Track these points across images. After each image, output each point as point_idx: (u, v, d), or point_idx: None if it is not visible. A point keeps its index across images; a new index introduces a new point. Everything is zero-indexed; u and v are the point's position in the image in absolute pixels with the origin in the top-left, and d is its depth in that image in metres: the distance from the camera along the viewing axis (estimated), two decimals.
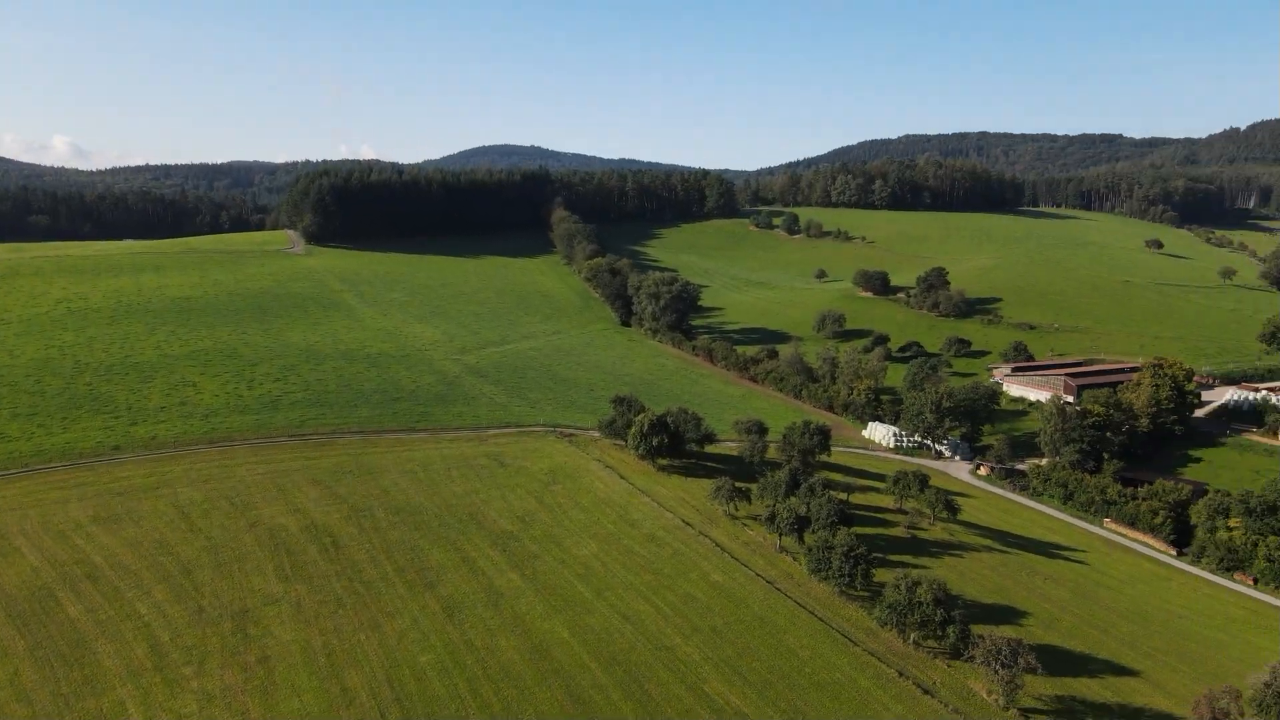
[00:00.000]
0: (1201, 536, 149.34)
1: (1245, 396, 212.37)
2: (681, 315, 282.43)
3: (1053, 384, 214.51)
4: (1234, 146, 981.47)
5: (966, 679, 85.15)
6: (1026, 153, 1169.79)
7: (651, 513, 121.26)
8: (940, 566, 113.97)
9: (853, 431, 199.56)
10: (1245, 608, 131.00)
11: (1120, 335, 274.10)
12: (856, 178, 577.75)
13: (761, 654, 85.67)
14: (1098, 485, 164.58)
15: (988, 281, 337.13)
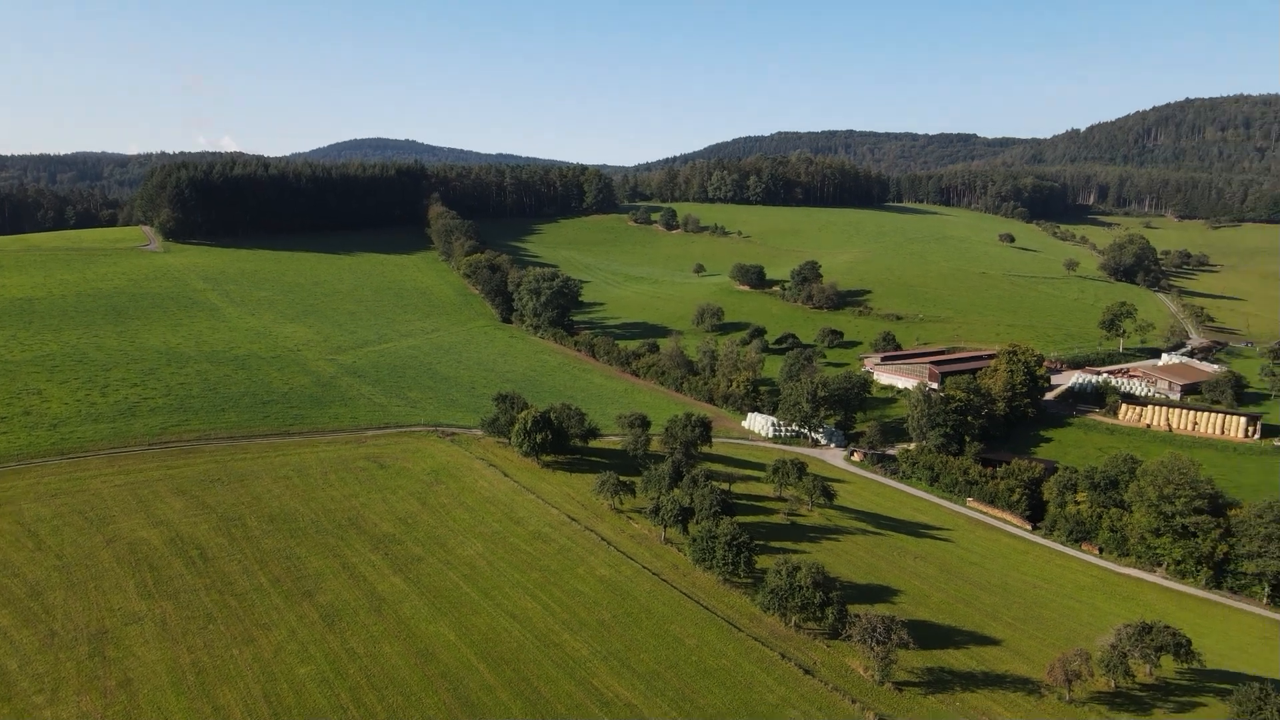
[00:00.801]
0: (1053, 511, 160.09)
1: (1089, 379, 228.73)
2: (563, 311, 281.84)
3: (919, 372, 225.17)
4: (1075, 147, 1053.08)
5: (845, 657, 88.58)
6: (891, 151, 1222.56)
7: (537, 510, 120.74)
8: (819, 550, 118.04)
9: (733, 422, 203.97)
10: (1092, 575, 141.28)
11: (978, 324, 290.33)
12: (732, 174, 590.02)
13: (649, 645, 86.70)
14: (961, 467, 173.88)
15: (858, 274, 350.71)
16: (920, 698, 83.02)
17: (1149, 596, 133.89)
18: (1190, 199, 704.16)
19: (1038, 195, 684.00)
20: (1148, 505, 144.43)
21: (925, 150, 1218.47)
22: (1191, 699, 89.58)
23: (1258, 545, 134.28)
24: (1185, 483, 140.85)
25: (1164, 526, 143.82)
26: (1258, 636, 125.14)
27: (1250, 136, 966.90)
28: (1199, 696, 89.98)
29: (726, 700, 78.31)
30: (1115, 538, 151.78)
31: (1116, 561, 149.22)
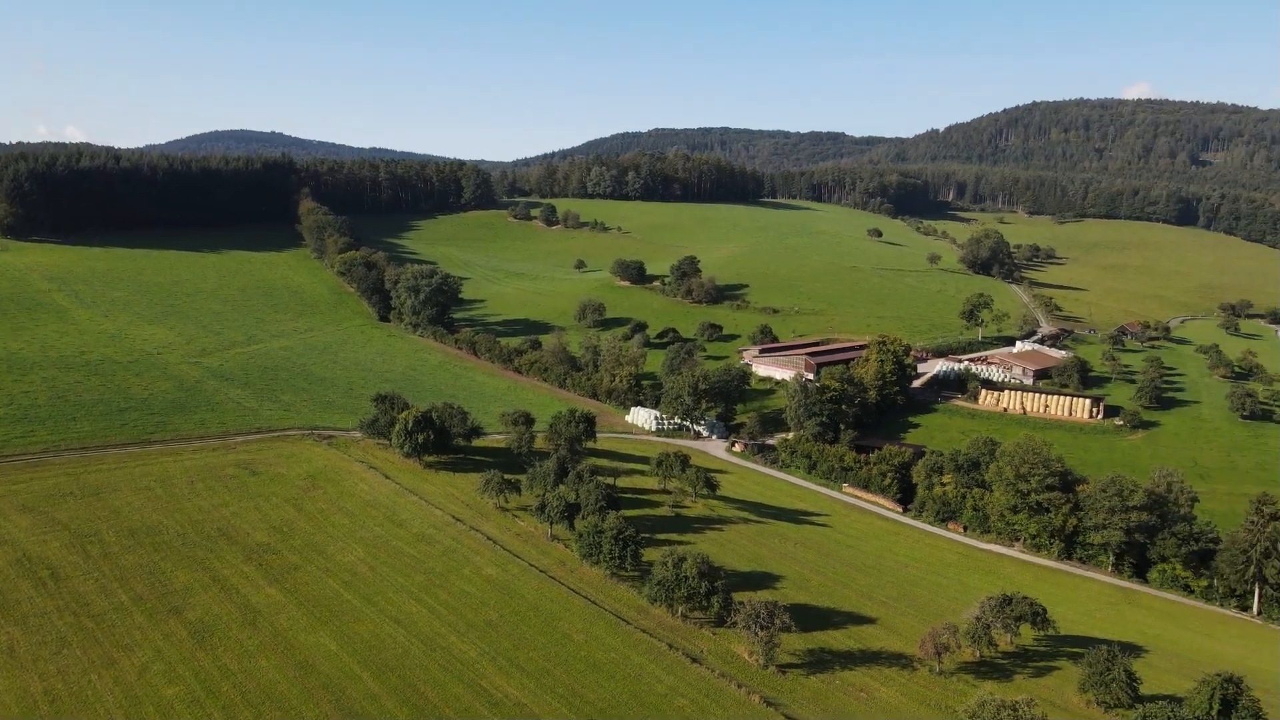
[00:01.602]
0: (921, 493, 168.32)
1: (952, 367, 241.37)
2: (443, 309, 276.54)
3: (795, 363, 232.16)
4: (935, 146, 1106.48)
5: (730, 644, 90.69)
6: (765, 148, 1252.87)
7: (420, 511, 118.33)
8: (703, 541, 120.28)
9: (617, 417, 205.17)
10: (958, 553, 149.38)
11: (850, 316, 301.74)
12: (611, 169, 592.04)
13: (538, 643, 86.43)
14: (836, 454, 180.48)
15: (735, 269, 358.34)
16: (803, 679, 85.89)
17: (1009, 570, 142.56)
18: (1039, 196, 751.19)
19: (902, 192, 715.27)
20: (1006, 484, 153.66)
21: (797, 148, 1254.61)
22: (1048, 664, 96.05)
23: (1102, 518, 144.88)
24: (1039, 462, 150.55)
25: (1021, 504, 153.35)
26: (1105, 602, 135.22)
27: (1090, 138, 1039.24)
28: (1055, 661, 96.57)
29: (616, 692, 78.94)
30: (978, 516, 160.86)
31: (979, 538, 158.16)
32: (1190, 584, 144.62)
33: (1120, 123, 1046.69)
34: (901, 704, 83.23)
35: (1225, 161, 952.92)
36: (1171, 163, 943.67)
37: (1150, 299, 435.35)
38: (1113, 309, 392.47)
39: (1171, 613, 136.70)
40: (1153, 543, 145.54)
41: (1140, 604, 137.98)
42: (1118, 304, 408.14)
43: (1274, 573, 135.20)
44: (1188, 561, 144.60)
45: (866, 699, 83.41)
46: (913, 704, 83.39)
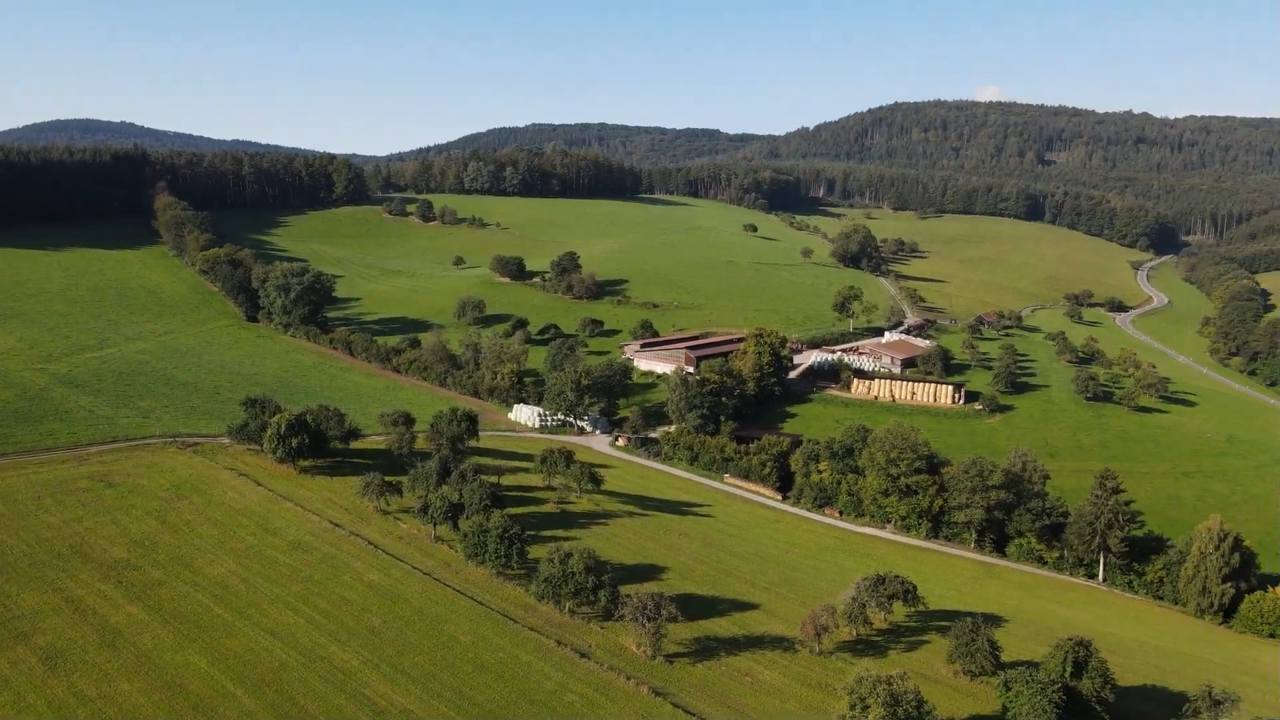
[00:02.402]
0: (800, 481, 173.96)
1: (826, 358, 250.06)
2: (315, 308, 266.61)
3: (676, 357, 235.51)
4: (806, 144, 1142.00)
5: (619, 637, 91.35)
6: (642, 144, 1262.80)
7: (296, 518, 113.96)
8: (589, 536, 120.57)
9: (499, 415, 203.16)
10: (834, 537, 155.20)
11: (728, 309, 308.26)
12: (488, 165, 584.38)
13: (423, 647, 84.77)
14: (717, 445, 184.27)
15: (615, 264, 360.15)
16: (690, 667, 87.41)
17: (881, 551, 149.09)
18: (902, 192, 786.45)
19: (775, 188, 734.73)
20: (878, 469, 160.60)
21: (674, 144, 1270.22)
22: (919, 638, 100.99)
23: (964, 498, 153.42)
24: (907, 447, 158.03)
25: (891, 487, 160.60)
26: (969, 577, 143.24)
27: (947, 137, 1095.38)
28: (925, 635, 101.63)
29: (504, 692, 78.34)
30: (852, 500, 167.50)
31: (854, 522, 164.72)
32: (1044, 556, 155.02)
33: (974, 123, 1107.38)
34: (784, 685, 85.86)
35: (1068, 161, 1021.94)
36: (1021, 161, 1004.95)
37: (1004, 290, 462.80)
38: (971, 300, 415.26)
39: (1028, 584, 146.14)
40: (1010, 519, 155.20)
41: (1000, 577, 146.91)
42: (975, 295, 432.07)
43: (1116, 542, 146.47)
44: (1041, 535, 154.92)
45: (751, 683, 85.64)
46: (795, 684, 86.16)
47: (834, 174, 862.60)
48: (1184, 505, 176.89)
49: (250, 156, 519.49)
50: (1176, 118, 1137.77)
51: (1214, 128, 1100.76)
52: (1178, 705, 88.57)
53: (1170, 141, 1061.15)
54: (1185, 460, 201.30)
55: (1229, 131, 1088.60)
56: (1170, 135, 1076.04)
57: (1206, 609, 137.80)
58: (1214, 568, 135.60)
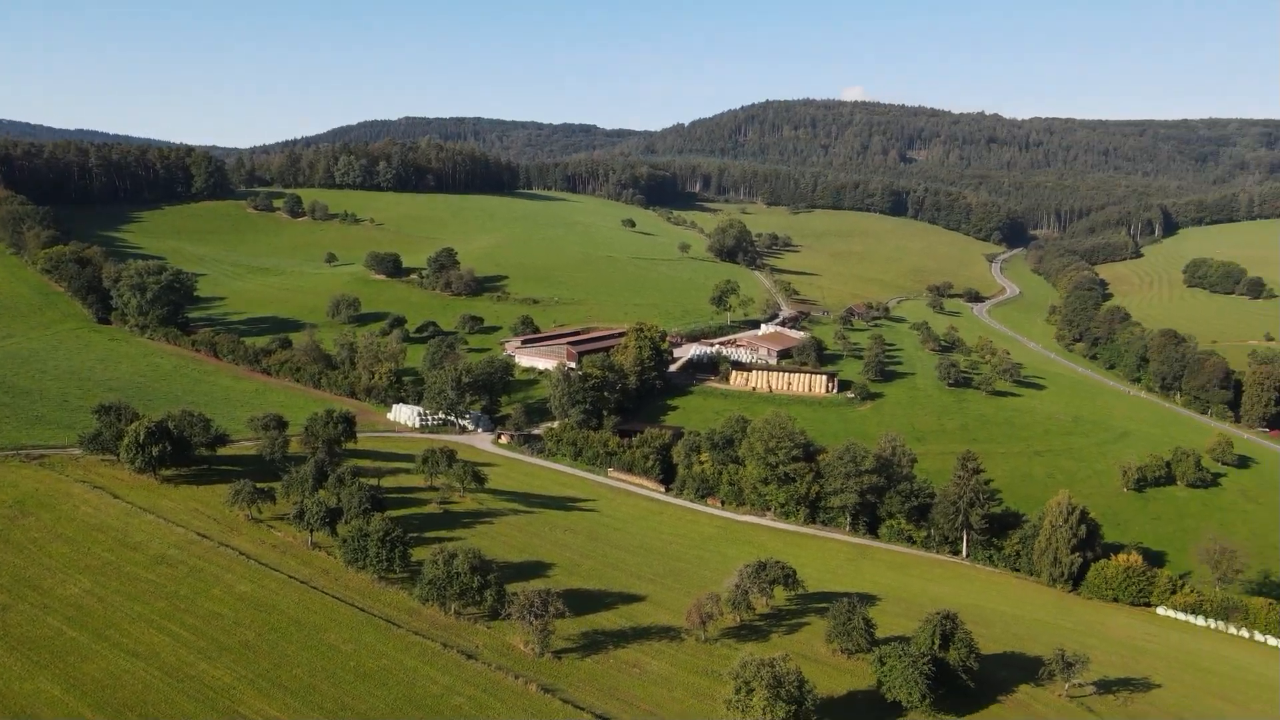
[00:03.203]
0: (682, 473, 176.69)
1: (705, 351, 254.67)
2: (176, 308, 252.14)
3: (557, 353, 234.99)
4: (682, 140, 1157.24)
5: (506, 636, 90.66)
6: (519, 139, 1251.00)
7: (158, 531, 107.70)
8: (474, 535, 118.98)
9: (378, 415, 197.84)
10: (717, 526, 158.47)
11: (608, 304, 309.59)
12: (360, 159, 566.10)
13: (301, 659, 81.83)
14: (601, 440, 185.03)
15: (494, 260, 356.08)
16: (578, 662, 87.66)
17: (762, 538, 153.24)
18: (775, 188, 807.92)
19: (653, 183, 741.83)
20: (757, 458, 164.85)
21: (551, 139, 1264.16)
22: (799, 620, 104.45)
23: (839, 483, 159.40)
24: (784, 436, 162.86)
25: (770, 475, 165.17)
26: (845, 559, 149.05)
27: (816, 135, 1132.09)
28: (805, 617, 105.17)
29: (389, 699, 76.57)
30: (733, 490, 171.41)
31: (735, 511, 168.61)
32: (913, 536, 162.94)
33: (841, 122, 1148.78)
34: (672, 674, 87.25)
35: (927, 159, 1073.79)
36: (885, 159, 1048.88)
37: (872, 282, 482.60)
38: (841, 292, 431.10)
39: (899, 562, 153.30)
40: (882, 502, 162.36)
41: (874, 557, 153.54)
42: (846, 287, 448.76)
43: (977, 519, 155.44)
44: (910, 516, 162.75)
45: (639, 673, 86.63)
46: (682, 672, 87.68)
47: (710, 170, 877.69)
48: (1036, 482, 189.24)
49: (97, 147, 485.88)
50: (1023, 119, 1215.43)
51: (1056, 129, 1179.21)
52: (1034, 669, 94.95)
53: (1018, 141, 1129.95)
54: (1037, 440, 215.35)
55: (1069, 133, 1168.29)
56: (1018, 135, 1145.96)
57: (1058, 578, 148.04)
58: (1064, 540, 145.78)
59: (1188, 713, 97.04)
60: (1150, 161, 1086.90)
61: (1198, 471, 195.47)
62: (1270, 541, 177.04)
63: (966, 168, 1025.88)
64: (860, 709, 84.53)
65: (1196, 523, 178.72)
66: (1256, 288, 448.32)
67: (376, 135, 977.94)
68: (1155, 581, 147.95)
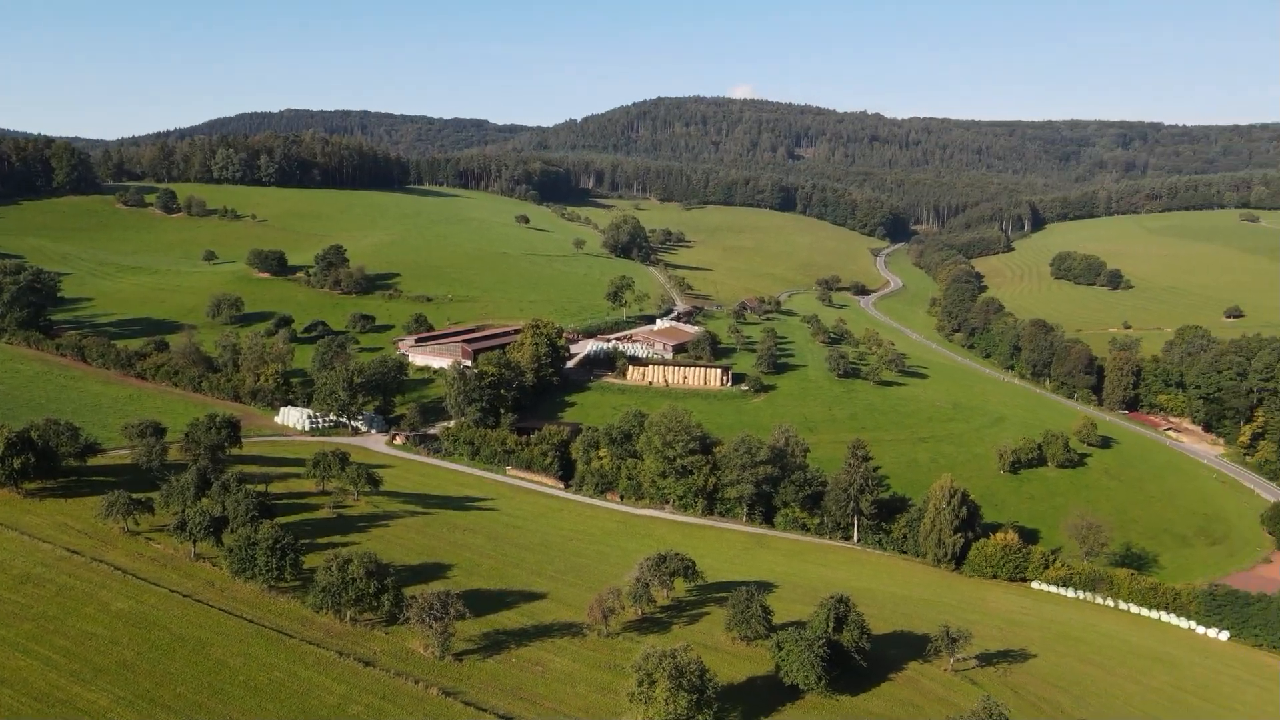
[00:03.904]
0: (581, 469, 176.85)
1: (601, 347, 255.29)
2: (37, 310, 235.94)
3: (452, 351, 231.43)
4: (574, 135, 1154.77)
5: (406, 641, 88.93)
6: (408, 133, 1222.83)
7: (22, 549, 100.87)
8: (370, 540, 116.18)
9: (265, 419, 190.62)
10: (617, 521, 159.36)
11: (503, 301, 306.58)
12: (240, 152, 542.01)
13: (185, 676, 78.23)
14: (499, 438, 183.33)
15: (385, 257, 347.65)
16: (480, 663, 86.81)
17: (661, 531, 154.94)
18: (668, 184, 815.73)
19: (546, 179, 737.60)
20: (655, 452, 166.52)
21: (441, 134, 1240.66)
22: (700, 610, 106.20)
23: (735, 474, 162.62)
24: (681, 430, 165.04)
25: (669, 469, 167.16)
26: (742, 548, 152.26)
27: (707, 132, 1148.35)
28: (704, 607, 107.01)
29: (281, 713, 74.10)
30: (632, 484, 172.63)
31: (635, 505, 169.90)
32: (807, 523, 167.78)
33: (731, 119, 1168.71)
34: (575, 670, 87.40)
35: (814, 156, 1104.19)
36: (773, 156, 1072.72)
37: (764, 276, 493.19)
38: (734, 286, 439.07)
39: (795, 550, 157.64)
40: (777, 491, 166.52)
41: (770, 546, 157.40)
42: (738, 282, 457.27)
43: (867, 505, 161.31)
44: (804, 504, 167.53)
45: (542, 671, 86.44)
46: (585, 668, 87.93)
47: (603, 166, 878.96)
48: (921, 467, 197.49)
49: None
50: (903, 119, 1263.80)
51: (933, 128, 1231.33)
52: (922, 646, 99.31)
53: (899, 140, 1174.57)
54: (921, 427, 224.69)
55: (945, 132, 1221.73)
56: (899, 134, 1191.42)
57: (942, 558, 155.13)
58: (947, 521, 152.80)
59: (1060, 679, 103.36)
60: (1019, 160, 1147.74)
61: (1066, 453, 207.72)
62: (1131, 516, 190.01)
63: (851, 165, 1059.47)
64: (760, 694, 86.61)
65: (1065, 501, 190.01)
66: (1115, 279, 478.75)
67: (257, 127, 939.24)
68: (1030, 558, 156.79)
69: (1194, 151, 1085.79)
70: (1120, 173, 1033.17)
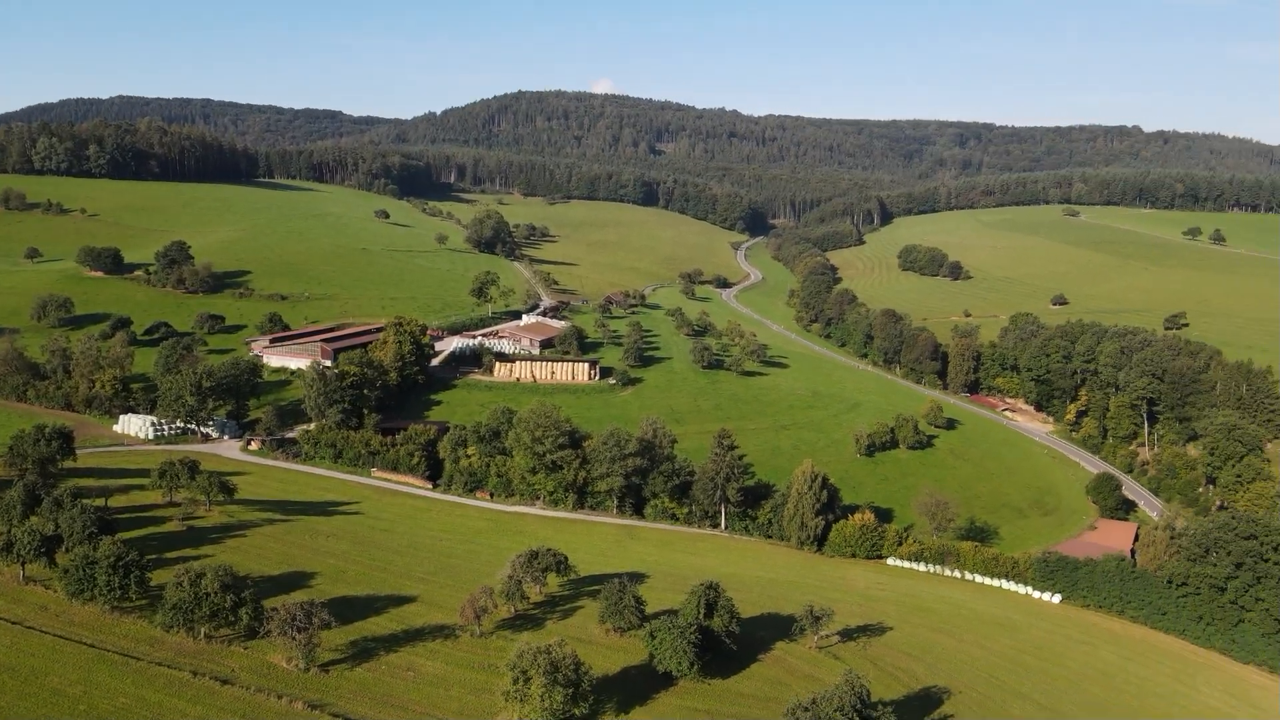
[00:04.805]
0: (449, 468, 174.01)
1: (467, 343, 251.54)
2: None
3: (311, 351, 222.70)
4: (434, 129, 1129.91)
5: (267, 655, 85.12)
6: (256, 124, 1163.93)
7: None
8: (224, 551, 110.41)
9: (103, 428, 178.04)
10: (487, 519, 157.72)
11: (364, 299, 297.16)
12: (65, 141, 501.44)
13: (16, 710, 72.10)
14: (362, 440, 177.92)
15: (235, 254, 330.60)
16: (348, 672, 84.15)
17: (533, 527, 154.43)
18: (531, 179, 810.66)
19: (406, 173, 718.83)
20: (525, 448, 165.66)
21: (293, 125, 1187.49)
22: (573, 605, 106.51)
23: (605, 467, 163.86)
24: (550, 425, 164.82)
25: (538, 465, 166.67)
26: (613, 541, 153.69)
27: (569, 127, 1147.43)
28: (578, 601, 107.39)
29: None
30: (502, 482, 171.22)
31: (505, 502, 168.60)
32: (676, 513, 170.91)
33: (593, 114, 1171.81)
34: (447, 673, 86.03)
35: (675, 151, 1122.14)
36: (635, 151, 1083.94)
37: (628, 270, 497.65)
38: (600, 281, 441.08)
39: (665, 540, 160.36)
40: (646, 483, 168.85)
41: (641, 537, 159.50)
42: (603, 276, 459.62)
43: (734, 492, 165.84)
44: (673, 494, 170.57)
45: (414, 676, 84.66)
46: (458, 670, 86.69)
47: (464, 159, 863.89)
48: (784, 454, 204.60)
49: None
50: (759, 116, 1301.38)
51: (788, 125, 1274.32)
52: (788, 626, 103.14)
53: (756, 137, 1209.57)
54: (782, 415, 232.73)
55: (799, 129, 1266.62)
56: (755, 131, 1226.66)
57: (805, 541, 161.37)
58: (809, 505, 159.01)
59: (915, 649, 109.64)
60: (868, 157, 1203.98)
61: (916, 435, 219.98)
62: (974, 492, 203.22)
63: (711, 160, 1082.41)
64: (635, 683, 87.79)
65: (916, 480, 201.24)
66: (956, 270, 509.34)
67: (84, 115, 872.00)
68: (885, 536, 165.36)
69: (1022, 151, 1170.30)
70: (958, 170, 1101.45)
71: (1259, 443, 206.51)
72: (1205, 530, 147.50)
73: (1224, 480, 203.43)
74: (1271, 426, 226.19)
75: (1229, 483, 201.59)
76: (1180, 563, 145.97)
